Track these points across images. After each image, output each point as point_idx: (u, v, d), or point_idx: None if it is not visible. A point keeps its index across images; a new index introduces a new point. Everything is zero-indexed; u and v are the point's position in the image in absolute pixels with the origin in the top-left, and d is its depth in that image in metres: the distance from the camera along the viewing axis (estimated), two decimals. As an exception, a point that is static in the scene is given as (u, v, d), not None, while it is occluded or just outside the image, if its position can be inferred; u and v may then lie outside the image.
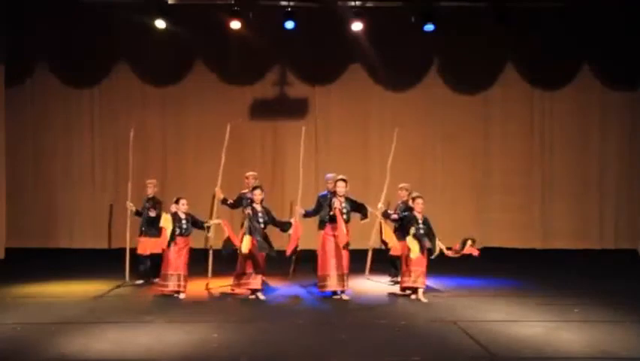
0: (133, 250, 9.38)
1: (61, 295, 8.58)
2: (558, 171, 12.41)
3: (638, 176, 12.32)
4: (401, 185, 9.38)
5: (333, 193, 8.78)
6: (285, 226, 8.57)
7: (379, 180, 12.08)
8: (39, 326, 6.91)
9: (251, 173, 9.59)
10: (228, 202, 9.11)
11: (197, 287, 8.90)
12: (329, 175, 9.30)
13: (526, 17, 11.54)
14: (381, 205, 9.02)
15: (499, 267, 10.89)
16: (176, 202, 8.70)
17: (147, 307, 7.94)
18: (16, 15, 11.65)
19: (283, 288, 8.93)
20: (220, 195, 9.08)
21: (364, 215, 8.58)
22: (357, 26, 11.09)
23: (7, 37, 11.76)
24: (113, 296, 8.61)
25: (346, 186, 8.52)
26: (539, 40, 11.98)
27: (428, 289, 8.61)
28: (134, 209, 9.46)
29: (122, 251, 9.53)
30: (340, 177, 8.61)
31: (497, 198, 12.39)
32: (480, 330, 6.66)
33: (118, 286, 8.96)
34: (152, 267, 9.23)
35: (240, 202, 9.29)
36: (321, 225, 8.78)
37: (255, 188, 8.59)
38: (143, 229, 9.31)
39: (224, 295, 8.62)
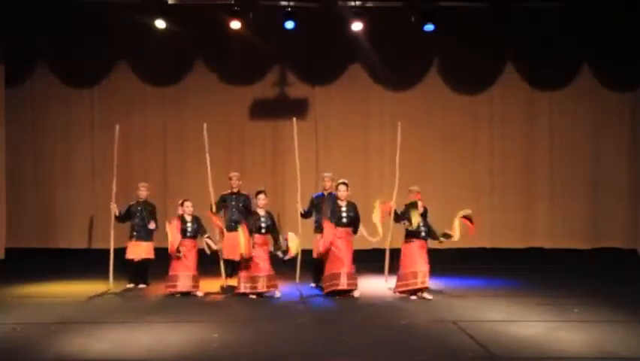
0: (118, 252, 9.32)
1: (61, 295, 8.60)
2: (558, 170, 12.39)
3: (638, 176, 12.32)
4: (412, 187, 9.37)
5: (330, 194, 8.88)
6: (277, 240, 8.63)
7: (379, 180, 12.15)
8: (39, 326, 6.91)
9: (234, 173, 9.61)
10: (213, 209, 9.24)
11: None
12: (326, 174, 9.34)
13: (526, 17, 11.53)
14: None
15: (499, 267, 10.91)
16: (181, 205, 8.78)
17: (147, 307, 7.95)
18: (17, 15, 11.65)
19: (282, 288, 8.91)
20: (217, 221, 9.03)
21: (354, 231, 8.71)
22: (357, 26, 11.08)
23: (7, 37, 11.76)
24: (113, 296, 8.62)
25: (347, 190, 8.55)
26: (539, 40, 11.97)
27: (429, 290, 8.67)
28: (116, 212, 9.26)
29: (117, 252, 9.46)
30: (341, 180, 8.63)
31: (497, 199, 12.37)
32: (480, 330, 6.67)
33: (105, 292, 8.86)
34: (142, 272, 9.21)
35: (222, 203, 9.35)
36: (318, 228, 8.86)
37: (258, 192, 8.61)
38: (135, 233, 9.22)
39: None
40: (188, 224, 8.70)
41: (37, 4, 11.55)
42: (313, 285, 9.24)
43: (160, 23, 10.99)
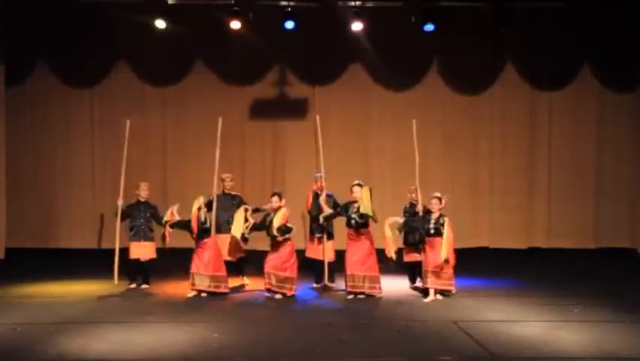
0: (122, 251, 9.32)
1: (61, 295, 8.60)
2: (558, 170, 12.39)
3: (638, 176, 12.32)
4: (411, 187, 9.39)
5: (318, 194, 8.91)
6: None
7: (380, 180, 12.14)
8: (39, 326, 6.91)
9: (227, 175, 9.58)
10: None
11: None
12: (318, 174, 9.35)
13: (526, 17, 11.53)
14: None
15: (499, 267, 10.91)
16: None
17: (147, 307, 7.95)
18: (16, 15, 11.64)
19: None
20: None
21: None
22: (357, 26, 11.08)
23: (7, 37, 11.75)
24: (113, 296, 8.62)
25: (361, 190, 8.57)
26: (539, 40, 11.98)
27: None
28: (121, 209, 9.16)
29: (112, 252, 9.44)
30: (356, 182, 8.64)
31: (497, 199, 12.37)
32: (480, 330, 6.67)
33: (110, 293, 8.87)
34: (144, 272, 9.20)
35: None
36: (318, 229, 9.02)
37: (273, 195, 8.63)
38: (137, 233, 9.16)
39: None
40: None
41: (37, 4, 11.54)
42: (315, 285, 9.26)
43: (160, 23, 10.98)
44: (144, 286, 9.14)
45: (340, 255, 9.05)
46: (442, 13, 11.14)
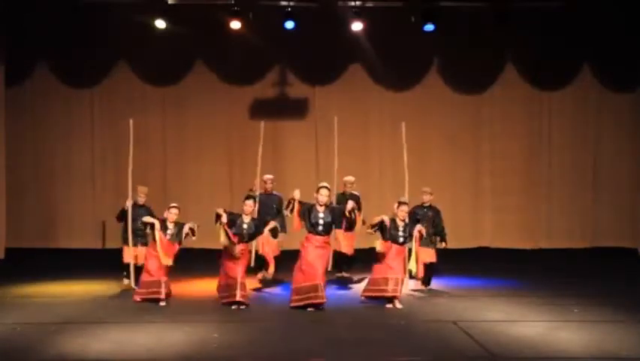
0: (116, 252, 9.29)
1: (61, 295, 8.59)
2: (558, 170, 12.40)
3: (638, 176, 12.32)
4: (424, 188, 9.31)
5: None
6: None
7: (379, 180, 12.16)
8: (39, 326, 6.91)
9: (268, 177, 9.57)
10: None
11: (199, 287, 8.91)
12: (348, 178, 9.40)
13: (526, 17, 11.54)
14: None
15: (499, 267, 10.90)
16: (168, 210, 8.45)
17: (147, 307, 7.94)
18: (16, 15, 11.64)
19: (283, 288, 8.91)
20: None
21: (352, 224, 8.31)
22: (357, 26, 11.09)
23: (7, 37, 11.76)
24: (113, 296, 8.61)
25: (329, 194, 8.11)
26: (539, 40, 11.98)
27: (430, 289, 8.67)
28: (129, 209, 9.03)
29: (117, 252, 9.42)
30: (322, 184, 8.20)
31: (497, 199, 12.38)
32: (480, 330, 6.67)
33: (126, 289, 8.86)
34: (137, 276, 9.14)
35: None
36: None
37: (246, 198, 8.38)
38: (138, 238, 9.08)
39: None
40: (169, 230, 8.44)
41: (37, 4, 11.54)
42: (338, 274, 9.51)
43: (160, 23, 10.98)
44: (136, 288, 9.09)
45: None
46: (442, 13, 11.14)
